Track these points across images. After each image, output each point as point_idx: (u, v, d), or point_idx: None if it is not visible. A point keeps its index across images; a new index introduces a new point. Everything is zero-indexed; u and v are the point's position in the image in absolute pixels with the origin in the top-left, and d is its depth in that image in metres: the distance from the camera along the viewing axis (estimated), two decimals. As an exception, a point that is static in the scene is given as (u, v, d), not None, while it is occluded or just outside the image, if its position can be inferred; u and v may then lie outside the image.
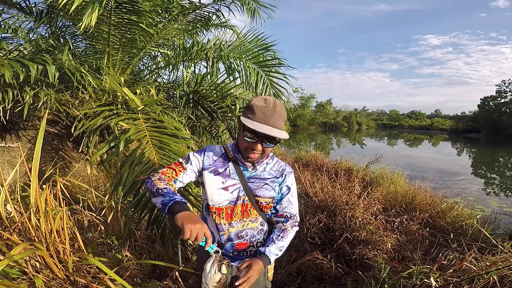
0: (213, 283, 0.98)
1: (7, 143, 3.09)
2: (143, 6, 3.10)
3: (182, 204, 0.97)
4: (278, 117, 1.07)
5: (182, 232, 0.89)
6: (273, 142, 1.12)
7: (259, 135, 1.07)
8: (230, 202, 1.18)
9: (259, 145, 1.09)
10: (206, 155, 1.21)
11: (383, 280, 1.98)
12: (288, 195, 1.28)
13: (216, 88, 3.78)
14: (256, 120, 1.05)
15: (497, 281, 1.77)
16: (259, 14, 4.04)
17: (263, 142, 1.09)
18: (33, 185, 1.64)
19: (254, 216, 1.22)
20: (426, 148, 23.56)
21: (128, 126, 2.35)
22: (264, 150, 1.12)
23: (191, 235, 0.88)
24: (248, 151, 1.13)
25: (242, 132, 1.11)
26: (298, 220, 1.31)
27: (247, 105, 1.12)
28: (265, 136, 1.07)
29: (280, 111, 1.08)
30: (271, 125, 1.05)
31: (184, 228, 0.88)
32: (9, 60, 2.29)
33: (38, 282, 1.40)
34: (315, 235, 2.93)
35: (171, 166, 1.19)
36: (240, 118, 1.09)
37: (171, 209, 0.95)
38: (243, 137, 1.11)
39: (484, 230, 2.49)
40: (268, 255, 1.19)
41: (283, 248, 1.24)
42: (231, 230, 1.19)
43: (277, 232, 1.26)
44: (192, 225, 0.89)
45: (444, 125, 58.46)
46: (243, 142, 1.12)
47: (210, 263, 0.99)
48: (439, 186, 6.68)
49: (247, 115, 1.08)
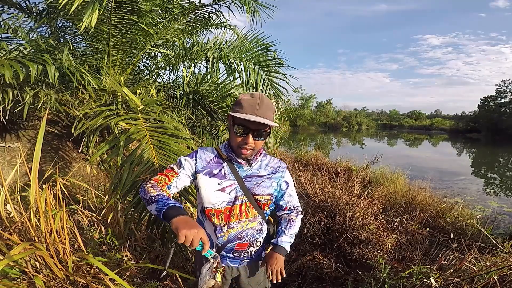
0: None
1: (7, 143, 3.09)
2: (143, 6, 3.10)
3: (177, 209, 0.95)
4: (266, 108, 1.09)
5: (177, 237, 0.87)
6: (264, 135, 1.13)
7: (250, 128, 1.09)
8: (228, 203, 1.18)
9: (250, 138, 1.10)
10: (199, 158, 1.20)
11: (383, 280, 1.98)
12: (288, 189, 1.34)
13: (216, 88, 3.78)
14: (245, 112, 1.07)
15: (497, 281, 1.77)
16: (259, 14, 4.04)
17: (253, 134, 1.10)
18: (33, 185, 1.64)
19: (252, 216, 1.23)
20: (426, 148, 23.55)
21: (128, 126, 2.34)
22: (256, 144, 1.13)
23: (186, 240, 0.86)
24: (240, 147, 1.13)
25: (233, 128, 1.13)
26: (301, 209, 1.41)
27: (235, 102, 1.15)
28: (255, 128, 1.09)
29: (267, 103, 1.11)
30: (260, 115, 1.06)
31: (179, 233, 0.86)
32: (9, 60, 2.28)
33: (38, 282, 1.40)
34: (315, 235, 2.93)
35: (163, 173, 1.18)
36: (229, 114, 1.12)
37: (166, 214, 0.94)
38: (234, 133, 1.12)
39: (484, 230, 2.49)
40: (282, 245, 1.29)
41: (293, 235, 1.34)
42: (230, 231, 1.19)
43: (284, 223, 1.35)
44: (187, 230, 0.86)
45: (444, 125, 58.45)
46: (234, 139, 1.13)
47: (206, 269, 0.99)
48: (439, 186, 6.69)
49: (236, 110, 1.10)
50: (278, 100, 4.35)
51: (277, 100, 4.34)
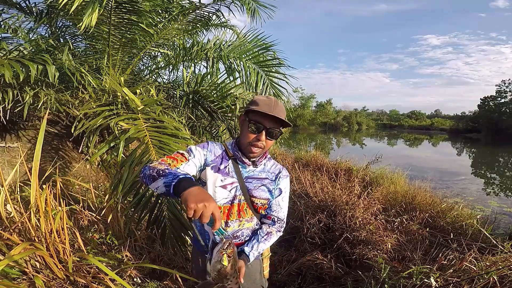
0: (214, 272, 0.88)
1: (7, 143, 3.09)
2: (143, 6, 3.10)
3: (188, 180, 0.85)
4: (280, 111, 1.13)
5: (186, 211, 0.78)
6: (276, 135, 1.15)
7: (264, 125, 1.12)
8: (228, 201, 1.18)
9: (263, 135, 1.12)
10: (209, 150, 1.20)
11: (383, 280, 1.98)
12: (279, 198, 1.27)
13: (216, 88, 3.78)
14: (262, 109, 1.10)
15: (497, 281, 1.77)
16: (259, 14, 4.04)
17: (267, 133, 1.13)
18: (33, 185, 1.64)
19: (249, 216, 1.23)
20: (426, 148, 23.55)
21: (128, 126, 2.34)
22: (267, 143, 1.16)
23: (195, 214, 0.77)
24: (251, 145, 1.14)
25: (247, 126, 1.14)
26: (283, 226, 1.30)
27: (250, 101, 1.18)
28: (270, 127, 1.12)
29: (281, 106, 1.15)
30: (276, 114, 1.09)
31: (187, 206, 0.76)
32: (9, 60, 2.28)
33: (38, 282, 1.40)
34: (315, 235, 2.93)
35: (172, 156, 1.11)
36: (245, 112, 1.16)
37: (176, 188, 0.83)
38: (248, 130, 1.14)
39: (484, 230, 2.49)
40: (250, 257, 1.19)
41: (262, 250, 1.24)
42: (227, 229, 1.19)
43: (262, 233, 1.24)
44: (196, 203, 0.76)
45: (444, 125, 58.43)
46: (247, 135, 1.15)
47: (217, 250, 0.88)
48: (439, 186, 6.69)
49: (252, 106, 1.13)
50: (278, 100, 4.35)
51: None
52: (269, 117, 1.10)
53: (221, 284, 0.88)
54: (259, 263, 1.36)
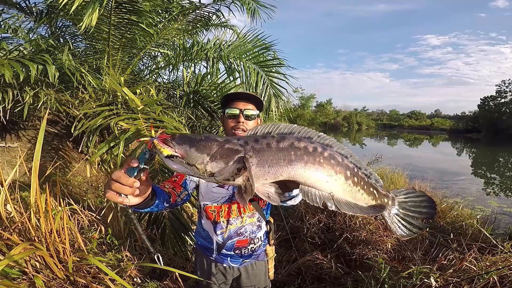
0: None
1: (7, 143, 3.09)
2: (143, 6, 3.10)
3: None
4: (255, 97, 1.23)
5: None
6: (253, 116, 1.21)
7: (239, 108, 1.19)
8: (227, 199, 1.19)
9: (242, 118, 1.18)
10: None
11: (383, 280, 1.98)
12: None
13: (216, 88, 3.78)
14: (230, 93, 1.24)
15: (497, 281, 1.76)
16: (259, 14, 4.04)
17: (243, 114, 1.18)
18: (33, 185, 1.64)
19: (251, 211, 1.24)
20: (426, 148, 23.54)
21: (128, 126, 2.34)
22: (248, 124, 1.20)
23: (114, 192, 0.69)
24: (234, 130, 1.18)
25: (225, 117, 1.22)
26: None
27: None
28: (244, 108, 1.19)
29: (257, 96, 1.25)
30: (244, 93, 1.23)
31: (108, 198, 0.70)
32: (9, 60, 2.28)
33: (38, 282, 1.40)
34: (315, 235, 2.93)
35: (170, 180, 1.14)
36: (223, 111, 1.26)
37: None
38: (226, 117, 1.21)
39: (484, 230, 2.49)
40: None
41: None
42: (230, 227, 1.20)
43: None
44: (109, 190, 0.69)
45: (444, 125, 58.38)
46: (227, 123, 1.21)
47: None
48: (439, 186, 6.68)
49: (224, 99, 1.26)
50: (278, 100, 4.35)
51: (277, 100, 4.34)
52: (239, 99, 1.20)
53: None
54: (264, 264, 1.36)
